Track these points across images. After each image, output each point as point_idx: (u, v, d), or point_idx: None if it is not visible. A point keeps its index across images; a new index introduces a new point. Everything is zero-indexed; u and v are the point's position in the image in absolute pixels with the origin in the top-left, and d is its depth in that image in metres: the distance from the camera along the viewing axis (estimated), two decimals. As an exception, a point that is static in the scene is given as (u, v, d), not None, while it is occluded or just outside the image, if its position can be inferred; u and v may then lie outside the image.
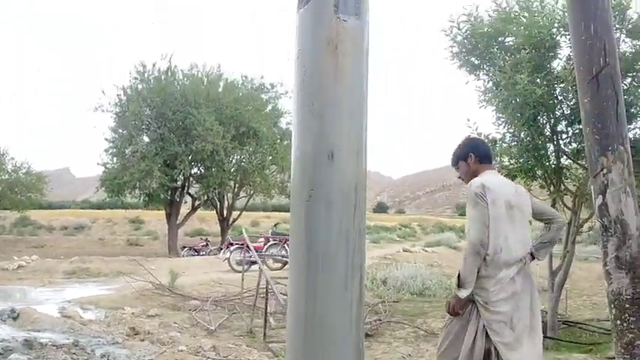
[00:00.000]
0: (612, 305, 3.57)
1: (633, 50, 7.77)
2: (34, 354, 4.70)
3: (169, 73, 23.24)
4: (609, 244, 3.68)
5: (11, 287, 11.88)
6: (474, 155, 3.58)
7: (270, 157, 24.34)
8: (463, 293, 3.24)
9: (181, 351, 5.93)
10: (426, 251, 22.35)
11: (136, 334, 6.85)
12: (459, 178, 3.78)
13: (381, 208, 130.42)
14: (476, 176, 3.48)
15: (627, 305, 3.51)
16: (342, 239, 1.06)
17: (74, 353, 4.84)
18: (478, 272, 3.24)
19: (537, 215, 3.68)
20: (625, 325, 3.56)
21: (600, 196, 3.70)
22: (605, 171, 3.67)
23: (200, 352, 5.94)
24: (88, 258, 16.46)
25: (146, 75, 23.02)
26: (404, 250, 21.74)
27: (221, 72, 24.95)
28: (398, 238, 36.08)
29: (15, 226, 37.72)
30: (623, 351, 3.57)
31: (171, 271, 10.98)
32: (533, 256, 3.56)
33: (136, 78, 23.00)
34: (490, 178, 3.41)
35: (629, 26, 7.75)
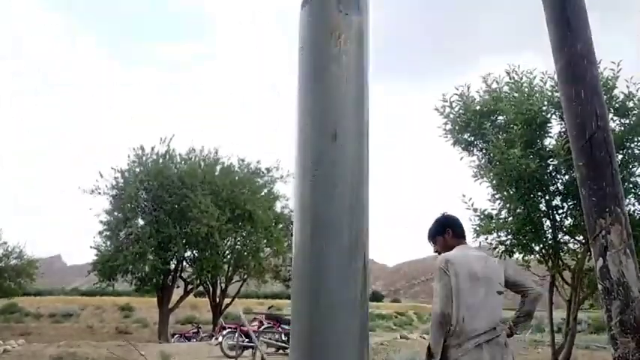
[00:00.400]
0: (620, 372, 3.47)
1: (622, 128, 8.02)
2: None
3: (167, 157, 23.58)
4: (613, 307, 3.61)
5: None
6: (451, 231, 3.77)
7: (265, 241, 24.22)
8: None
9: None
10: (423, 338, 21.82)
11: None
12: (436, 252, 3.94)
13: (375, 298, 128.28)
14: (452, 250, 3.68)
15: (635, 371, 3.42)
16: (346, 215, 1.07)
17: None
18: (445, 341, 3.38)
19: (511, 287, 3.80)
20: (635, 392, 3.45)
21: (601, 259, 3.67)
22: (603, 233, 3.67)
23: None
24: (75, 342, 15.93)
25: (144, 158, 23.34)
26: (401, 337, 21.24)
27: (218, 156, 25.36)
28: (394, 327, 35.34)
29: (1, 313, 36.74)
30: (633, 421, 3.43)
31: (162, 352, 10.62)
32: (512, 331, 3.69)
33: (134, 161, 23.31)
34: (456, 253, 3.61)
35: (617, 105, 8.05)
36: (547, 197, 7.93)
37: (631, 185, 7.84)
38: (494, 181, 8.03)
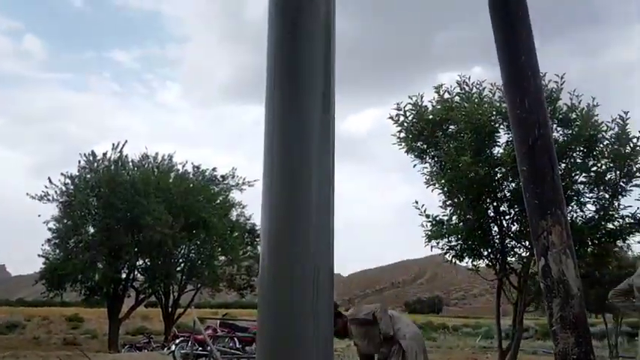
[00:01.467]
0: (560, 367, 3.67)
1: (565, 138, 8.41)
2: None
3: (119, 163, 23.15)
4: (553, 304, 3.82)
5: None
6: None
7: (220, 249, 24.01)
8: None
9: None
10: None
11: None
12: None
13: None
14: None
15: (573, 365, 3.62)
16: (313, 219, 1.13)
17: None
18: None
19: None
20: (574, 385, 3.65)
21: (542, 258, 3.89)
22: (545, 233, 3.89)
23: None
24: (22, 352, 15.42)
25: (95, 165, 22.84)
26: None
27: (173, 163, 25.04)
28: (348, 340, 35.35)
29: (-60, 325, 35.11)
30: (572, 413, 3.63)
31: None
32: None
33: (84, 167, 22.77)
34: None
35: (560, 116, 8.45)
36: (495, 203, 8.24)
37: (573, 193, 8.22)
38: (445, 188, 8.29)
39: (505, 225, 8.42)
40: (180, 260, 23.59)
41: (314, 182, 1.15)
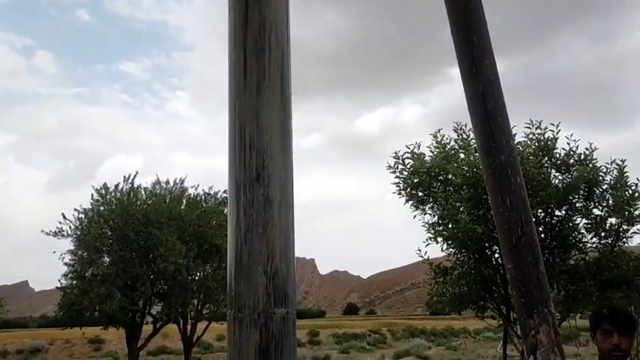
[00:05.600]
0: None
1: (564, 184, 8.39)
2: None
3: (132, 194, 23.40)
4: (543, 403, 3.87)
5: None
6: None
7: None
8: None
9: None
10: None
11: None
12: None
13: (351, 310, 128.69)
14: None
15: None
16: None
17: None
18: None
19: None
20: None
21: (532, 356, 3.93)
22: (533, 332, 3.93)
23: None
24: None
25: (108, 197, 23.12)
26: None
27: (184, 186, 25.23)
28: (368, 347, 35.41)
29: (-34, 351, 35.79)
30: None
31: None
32: None
33: (97, 200, 23.06)
34: None
35: (558, 162, 8.44)
36: (497, 256, 8.24)
37: (574, 241, 8.20)
38: (447, 241, 8.32)
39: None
40: (195, 287, 23.74)
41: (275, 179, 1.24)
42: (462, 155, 8.52)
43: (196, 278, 23.80)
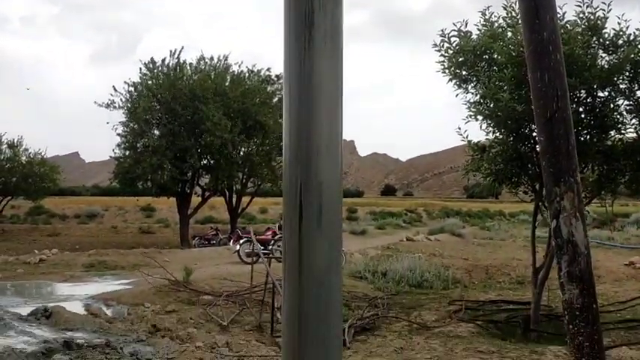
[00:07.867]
0: (566, 312, 4.29)
1: (610, 65, 8.40)
2: (74, 354, 5.49)
3: (178, 69, 23.92)
4: (562, 260, 4.39)
5: (37, 282, 12.78)
6: None
7: (277, 149, 25.07)
8: None
9: (199, 347, 6.72)
10: (429, 239, 23.04)
11: (157, 331, 7.65)
12: None
13: (389, 191, 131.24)
14: None
15: (577, 313, 4.23)
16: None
17: (107, 353, 5.62)
18: None
19: None
20: (576, 329, 4.29)
21: (555, 220, 4.41)
22: (558, 199, 4.38)
23: (215, 349, 6.73)
24: (104, 251, 17.32)
25: (155, 71, 23.73)
26: (407, 239, 22.39)
27: (228, 63, 25.55)
28: (404, 224, 36.68)
29: (29, 215, 38.69)
30: (575, 351, 4.31)
31: (185, 267, 11.76)
32: None
33: (145, 74, 23.73)
34: None
35: (607, 42, 8.39)
36: (534, 134, 8.49)
37: (613, 122, 8.36)
38: (487, 119, 8.58)
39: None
40: (240, 162, 24.80)
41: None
42: (509, 34, 8.50)
43: (241, 153, 24.86)
